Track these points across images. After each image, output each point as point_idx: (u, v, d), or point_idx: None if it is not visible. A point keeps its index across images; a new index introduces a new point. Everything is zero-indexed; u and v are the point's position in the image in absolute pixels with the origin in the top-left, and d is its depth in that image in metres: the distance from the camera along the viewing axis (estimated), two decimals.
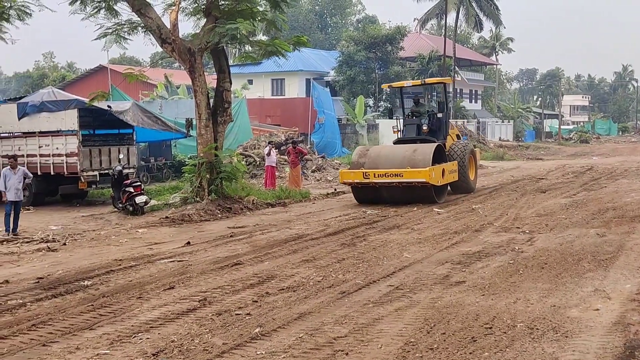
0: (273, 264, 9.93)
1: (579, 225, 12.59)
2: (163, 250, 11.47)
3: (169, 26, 16.44)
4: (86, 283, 9.01)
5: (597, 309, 6.93)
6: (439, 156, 17.38)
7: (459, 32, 65.28)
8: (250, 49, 18.17)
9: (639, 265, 8.90)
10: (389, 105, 44.63)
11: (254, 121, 34.23)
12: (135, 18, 16.79)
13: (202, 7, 16.95)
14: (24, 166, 16.22)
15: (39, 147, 18.78)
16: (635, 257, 9.42)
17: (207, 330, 6.68)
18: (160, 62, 43.28)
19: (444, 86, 21.17)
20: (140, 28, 16.93)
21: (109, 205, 17.68)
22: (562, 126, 72.39)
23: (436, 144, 17.40)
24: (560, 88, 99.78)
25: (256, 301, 7.74)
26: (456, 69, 56.04)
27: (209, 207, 15.89)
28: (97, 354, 6.10)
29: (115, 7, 16.73)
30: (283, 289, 8.26)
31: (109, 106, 19.02)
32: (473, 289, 7.99)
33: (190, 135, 21.94)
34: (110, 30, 16.82)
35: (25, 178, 14.16)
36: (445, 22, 54.81)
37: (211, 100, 17.23)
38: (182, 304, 7.70)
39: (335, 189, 21.17)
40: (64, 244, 12.42)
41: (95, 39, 16.92)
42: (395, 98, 46.77)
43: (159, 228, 14.30)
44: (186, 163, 20.49)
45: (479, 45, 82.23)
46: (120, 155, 18.99)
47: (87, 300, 8.05)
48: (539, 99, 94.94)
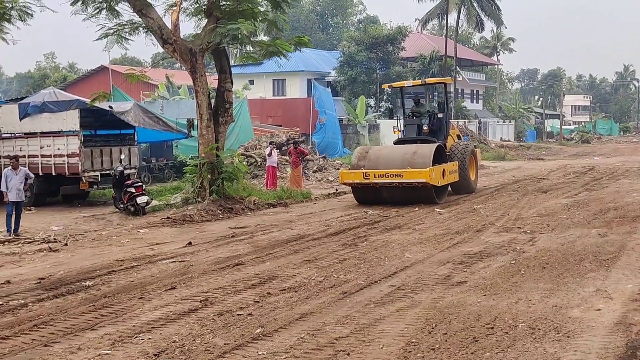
0: (274, 264, 9.93)
1: (581, 225, 12.57)
2: (164, 251, 11.47)
3: (170, 27, 16.45)
4: (88, 283, 9.02)
5: (599, 309, 6.93)
6: (440, 156, 17.37)
7: (460, 32, 65.23)
8: (251, 49, 18.18)
9: None
10: (390, 106, 44.60)
11: (255, 121, 34.25)
12: (136, 18, 16.81)
13: (203, 8, 16.96)
14: (26, 167, 16.20)
15: (41, 148, 18.77)
16: (636, 257, 9.40)
17: (209, 330, 6.69)
18: (161, 63, 43.25)
19: (445, 86, 21.13)
20: (141, 28, 16.95)
21: (111, 206, 17.69)
22: (564, 126, 72.39)
23: (436, 144, 17.38)
24: (562, 88, 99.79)
25: (258, 301, 7.74)
26: (457, 69, 56.01)
27: (211, 208, 15.90)
28: (99, 354, 6.10)
29: (116, 8, 16.75)
30: (284, 289, 8.26)
31: (110, 107, 19.02)
32: (474, 289, 7.99)
33: (192, 136, 21.96)
34: (111, 31, 16.85)
35: (26, 179, 14.15)
36: (447, 22, 54.83)
37: (212, 101, 17.24)
38: (184, 304, 7.70)
39: (336, 190, 21.17)
40: (66, 245, 12.44)
41: (97, 40, 17.01)
42: (397, 98, 46.67)
43: (160, 228, 14.32)
44: (187, 163, 20.45)
45: (480, 45, 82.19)
46: (122, 156, 19.02)
47: (89, 301, 8.05)
48: (540, 99, 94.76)
